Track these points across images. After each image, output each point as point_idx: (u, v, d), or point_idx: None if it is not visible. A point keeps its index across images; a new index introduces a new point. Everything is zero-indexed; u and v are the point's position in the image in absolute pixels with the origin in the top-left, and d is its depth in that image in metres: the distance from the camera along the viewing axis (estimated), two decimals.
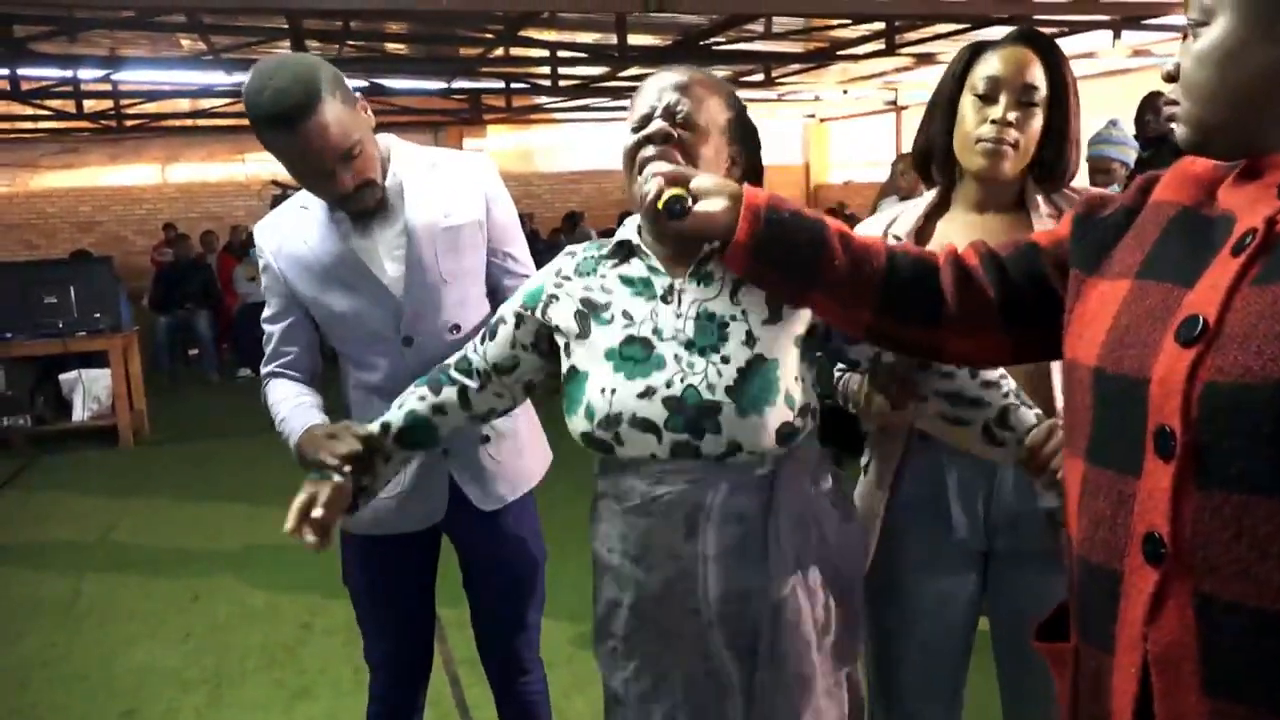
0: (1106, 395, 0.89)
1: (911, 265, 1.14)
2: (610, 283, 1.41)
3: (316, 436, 1.54)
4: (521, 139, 15.48)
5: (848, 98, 13.53)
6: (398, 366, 1.74)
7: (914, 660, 1.63)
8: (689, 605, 1.33)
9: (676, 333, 1.33)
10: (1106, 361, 0.89)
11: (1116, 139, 4.07)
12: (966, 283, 1.11)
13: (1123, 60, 8.61)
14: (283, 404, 1.73)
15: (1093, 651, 0.92)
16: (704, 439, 1.29)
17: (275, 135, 1.56)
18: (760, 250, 1.13)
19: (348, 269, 1.72)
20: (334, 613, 3.54)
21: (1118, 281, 0.93)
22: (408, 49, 8.77)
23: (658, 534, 1.33)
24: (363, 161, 1.63)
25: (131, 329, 6.72)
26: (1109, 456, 0.89)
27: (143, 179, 13.70)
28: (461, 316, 1.78)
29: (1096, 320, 0.93)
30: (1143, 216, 0.96)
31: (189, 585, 3.98)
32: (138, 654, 3.39)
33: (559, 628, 3.16)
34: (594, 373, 1.35)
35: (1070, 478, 0.95)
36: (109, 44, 8.20)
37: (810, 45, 8.94)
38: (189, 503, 5.11)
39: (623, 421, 1.31)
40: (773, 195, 1.16)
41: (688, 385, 1.30)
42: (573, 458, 1.70)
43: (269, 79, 1.53)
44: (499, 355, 1.50)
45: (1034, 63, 1.53)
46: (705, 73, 1.39)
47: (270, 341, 1.81)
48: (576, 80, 10.23)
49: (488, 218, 1.79)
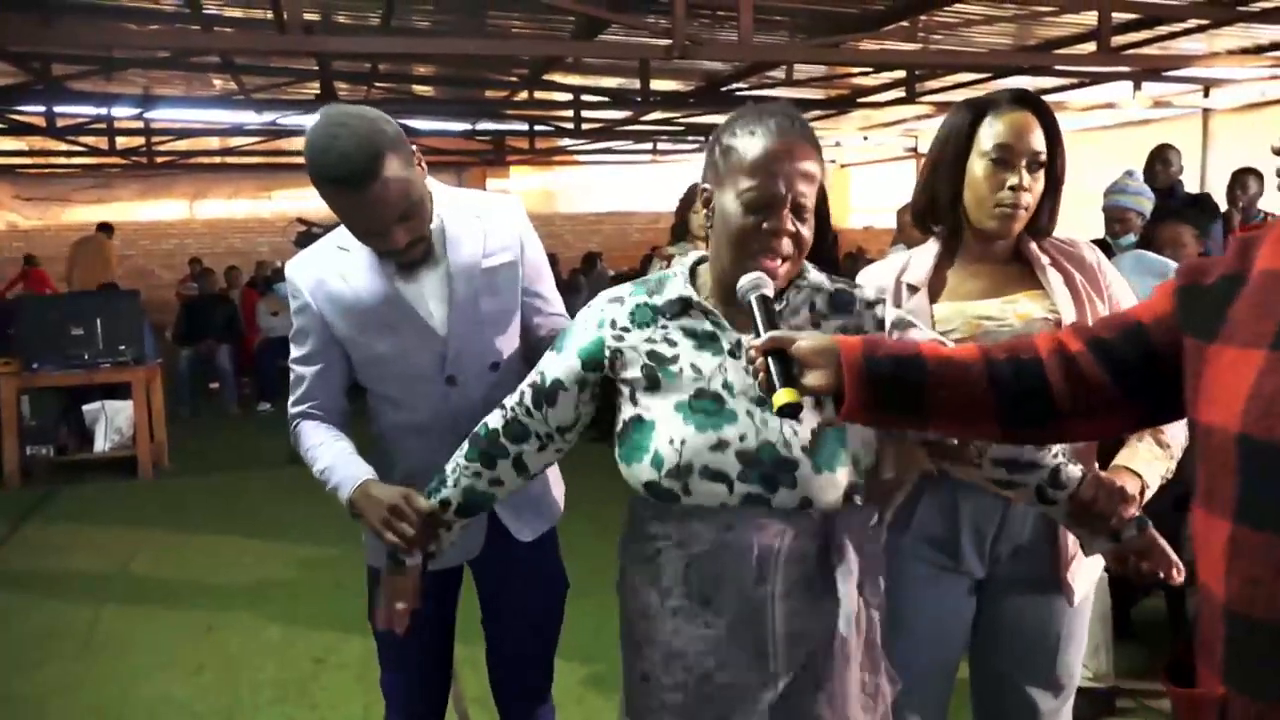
0: (1256, 461, 0.95)
1: (1014, 371, 1.17)
2: (674, 335, 1.41)
3: (376, 501, 1.60)
4: (544, 180, 15.64)
5: (868, 144, 13.62)
6: (440, 406, 1.77)
7: (914, 684, 1.67)
8: (757, 649, 1.36)
9: (748, 388, 1.35)
10: (1254, 429, 0.94)
11: (1132, 189, 4.09)
12: (1075, 373, 1.15)
13: (1143, 111, 8.66)
14: (324, 449, 1.75)
15: (1250, 702, 0.98)
16: (777, 492, 1.33)
17: (338, 196, 1.58)
18: (871, 407, 1.18)
19: (393, 311, 1.74)
20: (347, 648, 3.55)
21: (1248, 351, 0.98)
22: (434, 91, 8.94)
23: (728, 577, 1.35)
24: (417, 220, 1.66)
25: (155, 361, 6.81)
26: (1265, 518, 0.94)
27: (171, 214, 13.91)
28: (501, 355, 1.82)
29: (1231, 387, 0.98)
30: (1257, 284, 1.01)
31: (204, 617, 4.00)
32: (153, 686, 3.40)
33: (570, 668, 3.15)
34: (662, 423, 1.37)
35: (1210, 536, 1.00)
36: (143, 83, 8.40)
37: (832, 92, 9.05)
38: (206, 535, 5.14)
39: (693, 472, 1.34)
40: (866, 344, 1.19)
41: (764, 441, 1.33)
42: (588, 498, 1.72)
43: (334, 139, 1.54)
44: (563, 419, 1.49)
45: (1036, 127, 1.62)
46: (813, 135, 1.36)
47: (302, 383, 1.81)
48: (599, 123, 10.38)
49: (522, 258, 1.83)
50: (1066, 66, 6.69)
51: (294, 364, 1.83)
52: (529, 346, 1.86)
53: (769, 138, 1.31)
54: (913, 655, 1.67)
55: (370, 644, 1.97)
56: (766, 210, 1.31)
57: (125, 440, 6.55)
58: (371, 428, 1.89)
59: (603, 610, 1.51)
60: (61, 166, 12.27)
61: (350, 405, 1.87)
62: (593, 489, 1.45)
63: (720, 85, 7.98)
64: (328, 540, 4.70)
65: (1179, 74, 7.11)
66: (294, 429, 1.82)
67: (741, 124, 1.35)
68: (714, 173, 1.38)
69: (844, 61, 7.02)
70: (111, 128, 9.55)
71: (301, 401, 1.82)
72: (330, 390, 1.82)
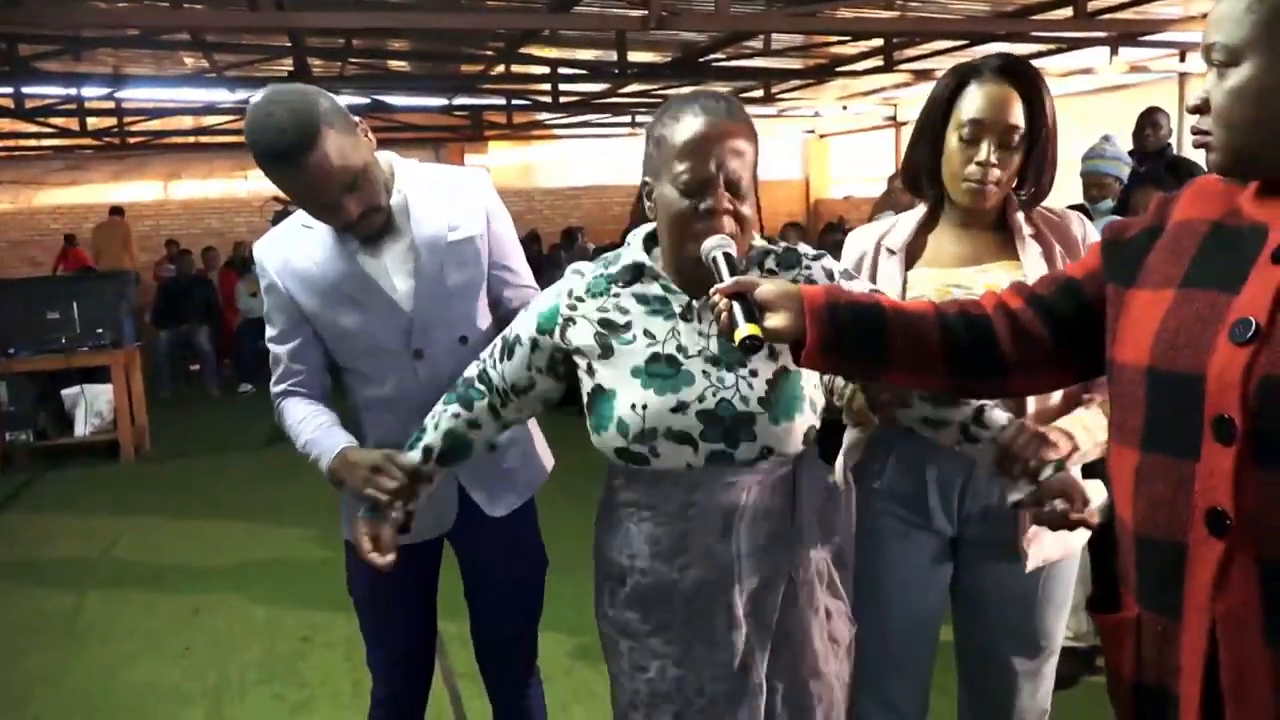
0: (1161, 390, 1.02)
1: (964, 325, 1.24)
2: (625, 302, 1.46)
3: (356, 465, 1.63)
4: (522, 155, 15.53)
5: (847, 113, 13.60)
6: (408, 379, 1.79)
7: (885, 638, 1.74)
8: (724, 601, 1.41)
9: (701, 349, 1.41)
10: (1160, 360, 1.01)
11: (1110, 154, 4.11)
12: (1019, 328, 1.23)
13: (1120, 76, 8.67)
14: (305, 424, 1.77)
15: (1157, 617, 1.05)
16: (739, 447, 1.39)
17: (278, 171, 1.60)
18: (829, 350, 1.22)
19: (357, 286, 1.75)
20: (334, 626, 3.56)
21: (1160, 291, 1.05)
22: (409, 66, 8.84)
23: (693, 536, 1.42)
24: (367, 189, 1.66)
25: (134, 344, 6.77)
26: (1166, 443, 1.01)
27: (146, 195, 13.74)
28: (468, 328, 1.83)
29: (1142, 325, 1.05)
30: (1172, 233, 1.09)
31: (189, 600, 4.00)
32: (139, 670, 3.41)
33: (558, 640, 3.18)
34: (622, 390, 1.42)
35: (1122, 466, 1.07)
36: (113, 62, 8.27)
37: (809, 61, 9.01)
38: (189, 518, 5.13)
39: (658, 435, 1.39)
40: (829, 291, 1.23)
41: (721, 399, 1.38)
42: (573, 473, 1.73)
43: (267, 117, 1.56)
44: (516, 376, 1.55)
45: (1014, 102, 1.61)
46: (742, 113, 1.39)
47: (280, 362, 1.83)
48: (577, 96, 10.31)
49: (488, 231, 1.85)
50: (1043, 32, 6.69)
51: (270, 343, 1.84)
52: (499, 320, 1.88)
53: (696, 121, 1.33)
54: (886, 612, 1.72)
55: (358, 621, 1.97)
56: (702, 191, 1.33)
57: (106, 424, 6.52)
58: (345, 403, 1.90)
59: (588, 585, 1.51)
60: (32, 149, 12.08)
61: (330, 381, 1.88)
62: (579, 467, 1.46)
63: (698, 56, 7.93)
64: (312, 520, 4.70)
65: (1155, 38, 7.11)
66: (277, 408, 1.84)
67: (670, 113, 1.38)
68: (650, 165, 1.41)
69: (821, 30, 6.99)
70: (82, 108, 9.43)
71: (282, 380, 1.84)
72: (308, 367, 1.83)
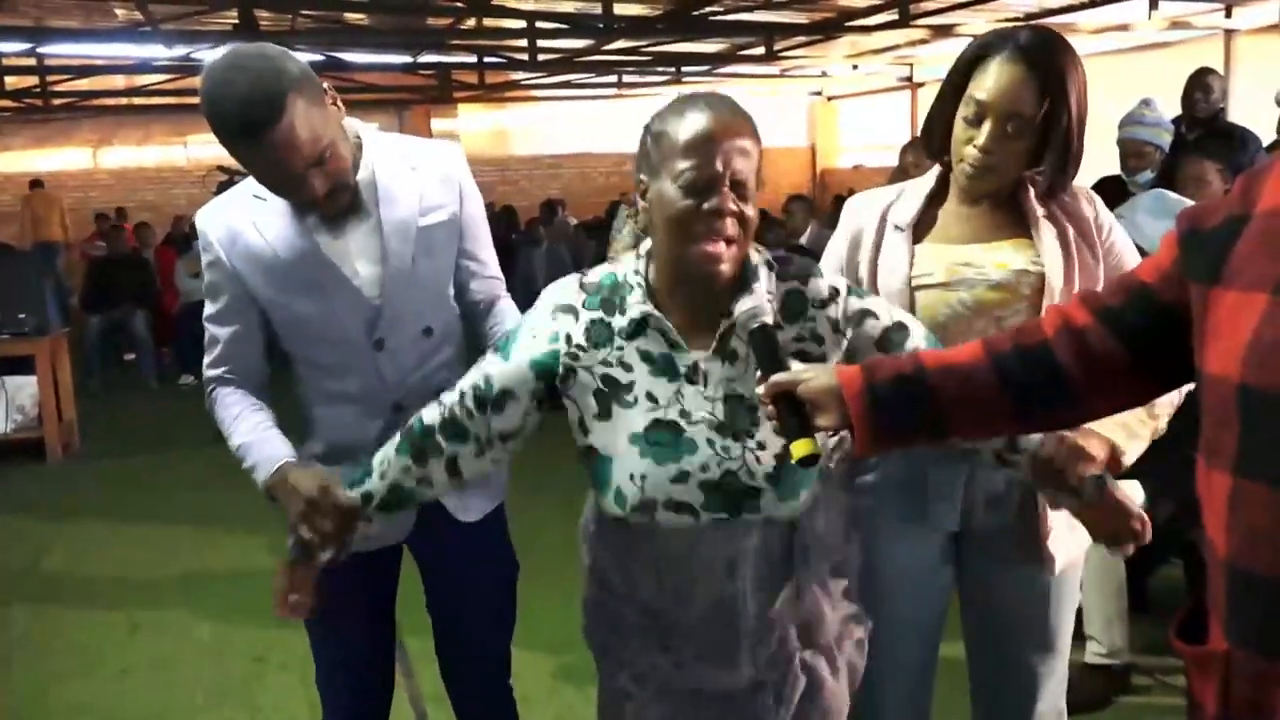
0: (1256, 411, 0.99)
1: (1021, 362, 1.23)
2: (629, 357, 1.48)
3: (295, 492, 1.62)
4: (496, 119, 15.51)
5: (858, 74, 13.61)
6: (367, 372, 1.79)
7: (883, 637, 1.77)
8: (730, 632, 1.48)
9: (706, 416, 1.45)
10: (1254, 377, 0.99)
11: (1150, 120, 4.12)
12: (1086, 349, 1.20)
13: (1158, 34, 8.71)
14: (240, 422, 1.78)
15: (1251, 657, 1.03)
16: (741, 516, 1.45)
17: (239, 146, 1.58)
18: (882, 437, 1.27)
19: (315, 269, 1.74)
20: (289, 645, 3.55)
21: (1252, 294, 1.02)
22: (368, 19, 8.81)
23: (699, 579, 1.48)
24: (335, 165, 1.66)
25: (60, 331, 6.73)
26: (1265, 470, 0.99)
27: (72, 164, 13.67)
28: (434, 319, 1.83)
29: (1232, 334, 1.02)
30: (1262, 222, 1.04)
31: (128, 616, 3.99)
32: (70, 692, 3.39)
33: (539, 660, 3.18)
34: (620, 458, 1.46)
35: (1214, 489, 1.05)
36: (35, 13, 8.21)
37: (816, 15, 9.00)
38: (127, 524, 5.11)
39: (658, 507, 1.44)
40: (865, 372, 1.28)
41: (726, 471, 1.43)
42: (557, 486, 1.74)
43: (229, 85, 1.54)
44: (508, 426, 1.55)
45: (1027, 88, 1.62)
46: (746, 112, 1.43)
47: (216, 344, 1.82)
48: (557, 54, 10.27)
49: (461, 213, 1.85)
50: None
51: (208, 322, 1.83)
52: (463, 312, 1.91)
53: (702, 117, 1.38)
54: (882, 611, 1.76)
55: None
56: (705, 190, 1.37)
57: (29, 420, 6.49)
58: (297, 392, 1.90)
59: (572, 599, 1.53)
60: None
61: (272, 367, 1.88)
62: (563, 481, 1.47)
63: (691, 9, 7.92)
64: (263, 527, 4.68)
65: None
66: (209, 395, 1.85)
67: (672, 110, 1.43)
68: (648, 163, 1.44)
69: None
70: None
71: (217, 365, 1.84)
72: (247, 353, 1.83)
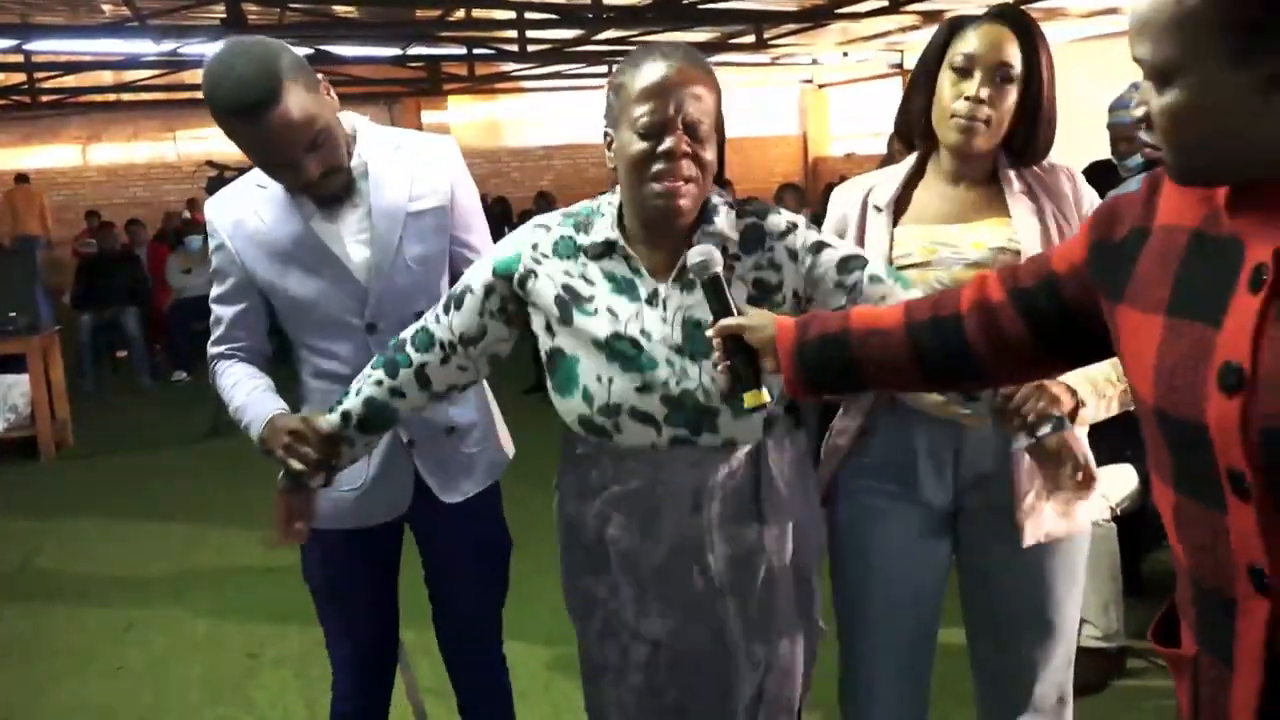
0: (1173, 436, 1.02)
1: (934, 333, 1.29)
2: (592, 274, 1.58)
3: (279, 430, 1.71)
4: (487, 111, 15.47)
5: (848, 61, 13.60)
6: (361, 354, 1.84)
7: (877, 618, 1.81)
8: (699, 567, 1.56)
9: (665, 337, 1.53)
10: (1164, 404, 1.01)
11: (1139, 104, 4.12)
12: (995, 328, 1.24)
13: None
14: (239, 388, 1.85)
15: (1214, 662, 1.05)
16: (702, 435, 1.54)
17: (238, 127, 1.66)
18: (808, 386, 1.37)
19: (309, 252, 1.82)
20: (284, 641, 3.56)
21: (1150, 316, 1.04)
22: (357, 11, 8.78)
23: (665, 511, 1.56)
24: (329, 149, 1.74)
25: (52, 329, 6.72)
26: (1194, 490, 1.02)
27: (61, 161, 13.63)
28: (426, 304, 1.86)
29: (1142, 356, 1.05)
30: (1158, 238, 1.06)
31: (121, 614, 3.99)
32: (65, 691, 3.40)
33: (533, 652, 3.19)
34: (585, 360, 1.55)
35: (1162, 501, 1.08)
36: (20, 10, 8.17)
37: (805, 2, 9.00)
38: (120, 522, 5.11)
39: (622, 412, 1.53)
40: (798, 329, 1.37)
41: (684, 389, 1.52)
42: (549, 472, 1.77)
43: (229, 68, 1.63)
44: (466, 325, 1.64)
45: (1010, 41, 1.71)
46: (701, 60, 1.53)
47: (221, 323, 1.92)
48: (547, 44, 10.25)
49: (453, 203, 1.90)
50: None
51: (214, 303, 1.93)
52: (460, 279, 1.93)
53: (656, 66, 1.48)
54: (875, 591, 1.79)
55: (311, 635, 1.99)
56: (660, 133, 1.46)
57: (22, 419, 6.47)
58: (299, 376, 1.97)
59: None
60: None
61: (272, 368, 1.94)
62: (548, 452, 1.48)
63: None
64: (257, 524, 4.67)
65: None
66: (212, 369, 1.93)
67: (630, 62, 1.52)
68: (611, 115, 1.54)
69: None
70: None
71: (221, 342, 1.93)
72: (250, 331, 1.92)
